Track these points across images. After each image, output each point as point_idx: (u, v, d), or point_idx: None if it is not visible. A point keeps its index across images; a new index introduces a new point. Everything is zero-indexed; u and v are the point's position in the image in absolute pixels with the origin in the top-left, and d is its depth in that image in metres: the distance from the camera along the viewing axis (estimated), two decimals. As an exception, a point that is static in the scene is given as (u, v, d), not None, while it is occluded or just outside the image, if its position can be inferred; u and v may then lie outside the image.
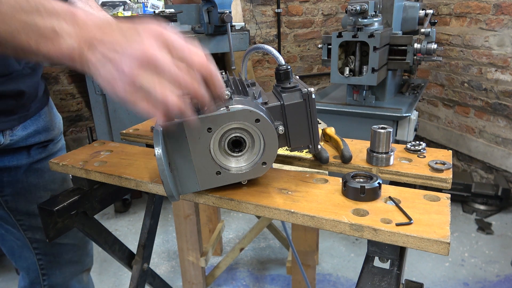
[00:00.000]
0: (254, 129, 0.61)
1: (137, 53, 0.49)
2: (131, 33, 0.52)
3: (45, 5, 0.52)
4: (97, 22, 0.54)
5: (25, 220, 0.98)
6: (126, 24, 0.54)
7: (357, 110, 2.04)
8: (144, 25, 0.53)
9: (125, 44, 0.51)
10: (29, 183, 0.95)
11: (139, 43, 0.50)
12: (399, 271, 0.57)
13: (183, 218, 1.67)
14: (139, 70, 0.49)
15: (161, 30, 0.52)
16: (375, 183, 0.62)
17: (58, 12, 0.53)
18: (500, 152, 2.73)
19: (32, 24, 0.51)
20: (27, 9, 0.51)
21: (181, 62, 0.52)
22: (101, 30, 0.53)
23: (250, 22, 3.36)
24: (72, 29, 0.53)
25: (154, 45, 0.50)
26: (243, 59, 0.78)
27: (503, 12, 2.60)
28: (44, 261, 1.04)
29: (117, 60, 0.50)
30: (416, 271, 2.15)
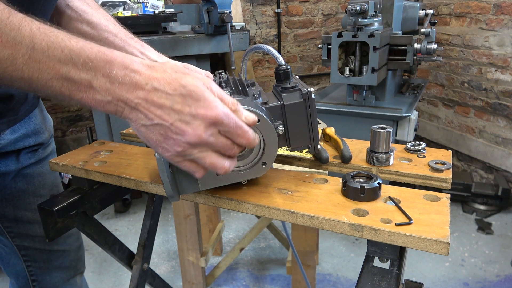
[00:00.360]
0: (254, 129, 0.61)
1: (191, 140, 0.52)
2: (183, 108, 0.51)
3: (80, 55, 0.50)
4: (138, 79, 0.51)
5: (13, 227, 0.94)
6: (172, 85, 0.51)
7: (357, 110, 2.04)
8: (195, 94, 0.52)
9: (178, 125, 0.51)
10: (17, 189, 0.92)
11: (193, 128, 0.52)
12: (399, 271, 0.57)
13: (183, 218, 1.67)
14: (191, 149, 0.54)
15: (213, 114, 0.52)
16: (375, 183, 0.62)
17: (93, 62, 0.50)
18: (500, 152, 2.73)
19: (66, 75, 0.50)
20: (61, 58, 0.49)
21: (228, 139, 0.55)
22: (144, 91, 0.51)
23: (250, 22, 3.37)
24: (108, 84, 0.51)
25: (207, 130, 0.52)
26: (243, 59, 0.78)
27: (503, 12, 2.60)
28: (33, 268, 1.01)
29: (170, 138, 0.53)
30: (416, 271, 2.15)
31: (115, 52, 0.52)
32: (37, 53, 0.48)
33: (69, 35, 0.51)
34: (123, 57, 0.52)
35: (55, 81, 0.50)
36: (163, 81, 0.52)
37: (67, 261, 1.07)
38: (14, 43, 0.47)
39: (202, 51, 2.09)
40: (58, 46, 0.49)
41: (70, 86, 0.51)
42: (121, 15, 2.21)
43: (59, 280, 1.07)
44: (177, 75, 0.53)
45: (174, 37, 2.02)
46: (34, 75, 0.49)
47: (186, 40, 2.03)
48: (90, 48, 0.51)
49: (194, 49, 2.06)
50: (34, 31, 0.48)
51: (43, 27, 0.49)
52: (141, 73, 0.52)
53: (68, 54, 0.49)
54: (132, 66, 0.52)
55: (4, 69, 0.48)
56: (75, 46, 0.50)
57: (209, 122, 0.52)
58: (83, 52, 0.50)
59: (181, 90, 0.51)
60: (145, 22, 2.08)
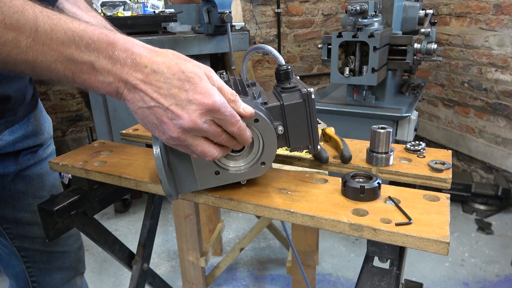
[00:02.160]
0: (253, 129, 0.61)
1: (185, 125, 0.53)
2: (180, 93, 0.52)
3: (82, 36, 0.50)
4: (138, 61, 0.52)
5: (12, 229, 0.94)
6: (171, 69, 0.52)
7: (357, 110, 2.05)
8: (193, 80, 0.52)
9: (174, 109, 0.52)
10: (16, 191, 0.92)
11: (189, 113, 0.52)
12: (399, 271, 0.57)
13: (183, 218, 1.67)
14: (185, 135, 0.54)
15: (210, 100, 0.52)
16: (375, 183, 0.62)
17: (95, 43, 0.51)
18: (500, 152, 2.73)
19: (69, 57, 0.50)
20: (64, 40, 0.49)
21: (219, 127, 0.56)
22: (143, 73, 0.52)
23: (250, 22, 3.37)
24: (110, 65, 0.51)
25: (202, 116, 0.53)
26: (244, 59, 0.78)
27: (503, 12, 2.60)
28: (33, 269, 1.01)
29: (165, 123, 0.53)
30: (416, 271, 2.15)
31: (118, 35, 0.53)
32: (41, 35, 0.48)
33: (71, 18, 0.51)
34: (125, 40, 0.52)
35: (58, 64, 0.50)
36: (163, 65, 0.52)
37: (67, 262, 1.07)
38: (18, 25, 0.47)
39: (202, 51, 2.09)
40: (61, 28, 0.49)
41: (73, 68, 0.51)
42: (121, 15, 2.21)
43: (59, 281, 1.07)
44: (178, 60, 0.53)
45: (174, 37, 2.02)
46: (38, 58, 0.49)
47: (186, 40, 2.03)
48: (93, 30, 0.51)
49: (194, 49, 2.06)
50: (37, 14, 0.48)
51: (46, 10, 0.50)
52: (142, 56, 0.52)
53: (71, 36, 0.49)
54: (133, 48, 0.52)
55: (8, 52, 0.48)
56: (78, 28, 0.50)
57: (205, 109, 0.53)
58: (86, 34, 0.50)
59: (180, 75, 0.52)
60: (145, 22, 2.08)
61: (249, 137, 0.59)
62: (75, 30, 0.50)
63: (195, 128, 0.53)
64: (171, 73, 0.52)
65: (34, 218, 0.95)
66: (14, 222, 0.94)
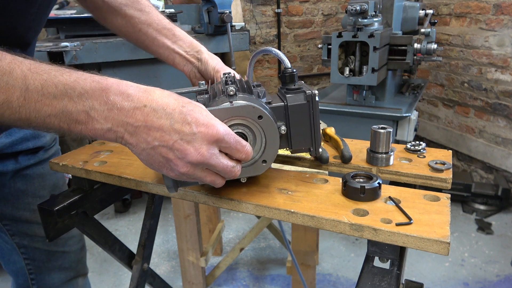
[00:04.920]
0: (257, 126, 0.61)
1: (194, 160, 0.53)
2: (183, 127, 0.51)
3: (74, 87, 0.49)
4: (136, 102, 0.51)
5: (11, 226, 0.95)
6: (171, 105, 0.52)
7: (357, 110, 2.05)
8: (194, 112, 0.52)
9: (179, 144, 0.52)
10: (16, 189, 0.92)
11: (195, 147, 0.52)
12: (399, 271, 0.57)
13: (183, 218, 1.67)
14: (194, 169, 0.54)
15: (214, 131, 0.52)
16: (375, 183, 0.62)
17: (88, 92, 0.50)
18: (500, 152, 2.73)
19: (63, 109, 0.50)
20: (56, 94, 0.49)
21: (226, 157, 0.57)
22: (143, 114, 0.51)
23: (250, 22, 3.36)
24: (106, 111, 0.51)
25: (209, 149, 0.53)
26: (250, 61, 0.78)
27: (503, 12, 2.60)
28: (32, 266, 1.02)
29: (172, 160, 0.53)
30: (416, 271, 2.15)
31: (110, 80, 0.52)
32: (32, 93, 0.48)
33: (61, 70, 0.50)
34: (118, 83, 0.52)
35: (52, 118, 0.50)
36: (161, 101, 0.52)
37: (67, 263, 1.07)
38: (7, 87, 0.47)
39: (202, 51, 2.08)
40: (51, 83, 0.49)
41: (68, 120, 0.50)
42: (121, 15, 2.21)
43: (58, 280, 1.07)
44: (174, 95, 0.53)
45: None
46: (32, 115, 0.49)
47: (186, 40, 2.03)
48: (84, 80, 0.50)
49: (194, 49, 2.06)
50: (26, 72, 0.48)
51: (34, 66, 0.49)
52: (138, 97, 0.51)
53: (62, 89, 0.49)
54: (128, 90, 0.52)
55: (2, 113, 0.48)
56: (69, 80, 0.50)
57: (210, 140, 0.53)
58: (78, 85, 0.50)
59: (180, 108, 0.52)
60: (145, 22, 2.07)
61: None
62: (66, 83, 0.49)
63: (203, 162, 0.53)
64: (171, 109, 0.51)
65: (34, 217, 0.95)
66: (13, 220, 0.95)
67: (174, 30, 0.90)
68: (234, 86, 0.61)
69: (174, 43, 0.89)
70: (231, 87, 0.61)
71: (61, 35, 2.09)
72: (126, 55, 1.99)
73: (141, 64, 2.09)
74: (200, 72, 0.89)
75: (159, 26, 0.89)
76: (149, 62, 2.07)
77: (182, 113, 0.51)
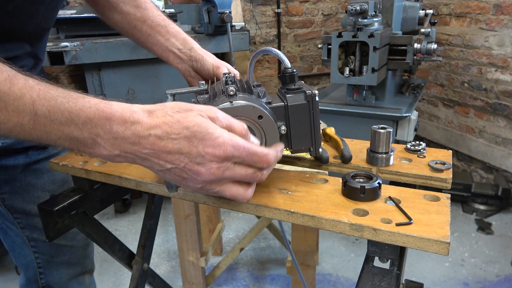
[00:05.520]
0: (257, 126, 0.61)
1: (206, 178, 0.53)
2: (190, 150, 0.52)
3: (79, 115, 0.51)
4: (140, 131, 0.51)
5: (22, 219, 0.97)
6: (174, 129, 0.51)
7: (357, 110, 2.05)
8: (200, 134, 0.51)
9: (190, 166, 0.52)
10: (26, 183, 0.94)
11: (206, 168, 0.52)
12: (399, 271, 0.57)
13: (183, 218, 1.67)
14: (210, 185, 0.55)
15: (221, 152, 0.52)
16: (375, 183, 0.62)
17: (92, 121, 0.51)
18: (500, 152, 2.73)
19: (70, 135, 0.52)
20: (63, 121, 0.51)
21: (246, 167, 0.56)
22: (149, 142, 0.51)
23: (250, 22, 3.36)
24: (112, 140, 0.52)
25: (220, 167, 0.53)
26: (251, 61, 0.78)
27: (503, 12, 2.60)
28: (41, 260, 1.04)
29: (187, 179, 0.54)
30: (416, 271, 2.15)
31: (114, 107, 0.52)
32: (40, 118, 0.50)
33: (68, 96, 0.52)
34: (122, 111, 0.52)
35: (62, 141, 0.52)
36: (165, 126, 0.51)
37: (74, 258, 1.09)
38: (18, 111, 0.50)
39: (202, 51, 2.08)
40: (58, 110, 0.51)
41: (77, 144, 0.53)
42: (121, 15, 2.20)
43: (66, 275, 1.08)
44: (178, 116, 0.52)
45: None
46: (43, 136, 0.52)
47: (186, 40, 2.03)
48: (89, 108, 0.51)
49: (194, 49, 2.06)
50: (35, 98, 0.50)
51: (43, 92, 0.51)
52: (142, 123, 0.52)
53: (68, 117, 0.51)
54: (132, 118, 0.52)
55: (17, 134, 0.51)
56: (74, 108, 0.51)
57: (220, 159, 0.53)
58: (82, 113, 0.51)
59: (185, 132, 0.51)
60: (145, 22, 2.07)
61: (281, 155, 0.59)
62: (71, 111, 0.51)
63: (217, 178, 0.54)
64: (175, 133, 0.51)
65: None
66: (24, 213, 0.96)
67: (168, 27, 0.89)
68: (234, 86, 0.61)
69: (167, 41, 0.88)
70: (231, 87, 0.61)
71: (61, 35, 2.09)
72: (126, 55, 1.99)
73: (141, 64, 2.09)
74: (196, 70, 0.88)
75: (154, 23, 0.89)
76: (149, 62, 2.08)
77: (187, 136, 0.51)
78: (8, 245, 1.04)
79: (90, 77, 2.08)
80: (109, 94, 2.12)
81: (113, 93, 2.13)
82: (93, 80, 2.09)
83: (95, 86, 2.11)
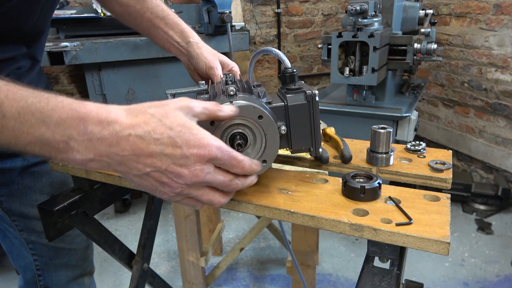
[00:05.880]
0: (257, 126, 0.61)
1: (188, 181, 0.52)
2: (174, 151, 0.50)
3: (51, 116, 0.47)
4: (119, 131, 0.48)
5: (19, 221, 0.96)
6: (158, 128, 0.49)
7: (357, 110, 2.05)
8: (183, 133, 0.50)
9: (173, 168, 0.50)
10: (24, 185, 0.93)
11: (189, 169, 0.51)
12: (399, 271, 0.57)
13: (183, 218, 1.67)
14: (189, 189, 0.54)
15: (206, 152, 0.51)
16: (375, 183, 0.62)
17: (66, 122, 0.47)
18: (500, 152, 2.73)
19: (41, 138, 0.48)
20: (33, 122, 0.47)
21: (224, 173, 0.55)
22: (129, 142, 0.48)
23: (250, 22, 3.36)
24: (86, 142, 0.48)
25: (203, 169, 0.52)
26: (251, 61, 0.78)
27: (503, 12, 2.60)
28: (39, 262, 1.03)
29: (166, 183, 0.52)
30: (416, 271, 2.15)
31: (89, 106, 0.49)
32: (9, 120, 0.47)
33: (39, 96, 0.48)
34: (97, 110, 0.49)
35: (32, 145, 0.48)
36: (147, 126, 0.49)
37: (73, 260, 1.08)
38: None
39: (202, 51, 2.08)
40: (28, 111, 0.47)
41: (48, 149, 0.49)
42: (121, 15, 2.20)
43: (65, 277, 1.08)
44: (159, 113, 0.50)
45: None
46: (11, 141, 0.48)
47: (186, 40, 2.03)
48: (62, 107, 0.48)
49: (194, 49, 2.06)
50: (3, 99, 0.46)
51: (12, 92, 0.47)
52: (120, 123, 0.49)
53: (39, 117, 0.47)
54: (109, 117, 0.48)
55: None
56: (46, 108, 0.47)
57: (203, 160, 0.51)
58: (55, 113, 0.47)
59: (168, 132, 0.49)
60: (145, 22, 2.08)
61: (257, 169, 0.59)
62: (43, 111, 0.47)
63: (198, 181, 0.52)
64: (159, 133, 0.49)
65: None
66: (21, 216, 0.95)
67: (167, 19, 0.89)
68: (234, 86, 0.61)
69: (166, 33, 0.89)
70: (231, 87, 0.61)
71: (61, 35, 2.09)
72: (126, 55, 1.99)
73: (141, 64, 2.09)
74: (193, 66, 0.88)
75: (152, 15, 0.89)
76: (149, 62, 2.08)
77: (170, 137, 0.49)
78: (7, 247, 1.04)
79: (90, 77, 2.08)
80: (109, 94, 2.12)
81: (113, 93, 2.13)
82: (93, 80, 2.09)
83: (95, 86, 2.11)
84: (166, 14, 0.90)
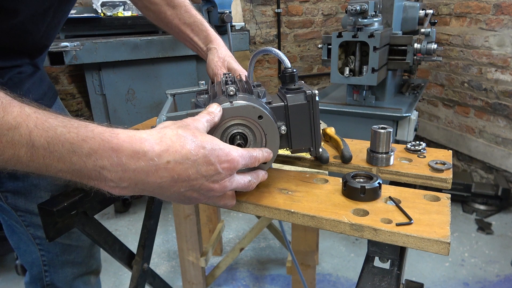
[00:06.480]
0: (257, 126, 0.62)
1: (217, 194, 0.56)
2: (208, 169, 0.52)
3: (82, 147, 0.46)
4: (156, 160, 0.48)
5: (26, 217, 0.97)
6: (193, 150, 0.50)
7: (357, 110, 2.05)
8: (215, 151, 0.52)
9: (206, 185, 0.53)
10: (29, 183, 0.94)
11: (220, 184, 0.54)
12: (399, 271, 0.57)
13: (183, 218, 1.67)
14: (214, 199, 0.59)
15: (235, 164, 0.54)
16: (375, 183, 0.62)
17: (97, 152, 0.47)
18: (500, 152, 2.73)
19: (72, 168, 0.47)
20: (63, 153, 0.46)
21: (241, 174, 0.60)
22: (168, 169, 0.49)
23: (250, 22, 3.36)
24: (121, 172, 0.47)
25: (230, 178, 0.56)
26: (251, 61, 0.78)
27: (503, 12, 2.60)
28: (46, 258, 1.04)
29: (196, 198, 0.55)
30: (416, 271, 2.15)
31: (121, 136, 0.48)
32: (38, 150, 0.46)
33: (69, 125, 0.47)
34: (130, 140, 0.48)
35: (64, 173, 0.48)
36: (183, 149, 0.49)
37: (79, 257, 1.09)
38: (13, 143, 0.45)
39: (202, 51, 2.08)
40: (58, 141, 0.46)
41: (80, 176, 0.49)
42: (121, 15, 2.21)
43: (71, 274, 1.08)
44: (189, 133, 0.51)
45: (174, 37, 2.02)
46: (42, 169, 0.48)
47: (186, 40, 2.03)
48: (92, 138, 0.47)
49: (194, 49, 2.06)
50: (32, 128, 0.46)
51: (41, 121, 0.46)
52: (156, 151, 0.48)
53: (69, 148, 0.46)
54: (143, 148, 0.48)
55: (13, 166, 0.47)
56: (76, 139, 0.47)
57: (233, 172, 0.55)
58: (85, 144, 0.47)
59: (202, 151, 0.51)
60: (145, 22, 2.08)
61: (269, 156, 0.63)
62: (73, 142, 0.46)
63: (225, 191, 0.56)
64: (194, 155, 0.50)
65: None
66: (27, 212, 0.96)
67: (193, 26, 0.96)
68: (234, 86, 0.61)
69: (192, 39, 0.97)
70: (231, 87, 0.61)
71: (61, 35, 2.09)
72: (126, 55, 1.99)
73: (141, 64, 2.09)
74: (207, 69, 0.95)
75: (180, 21, 0.96)
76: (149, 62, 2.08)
77: (205, 156, 0.51)
78: (14, 243, 1.04)
79: (90, 77, 2.08)
80: (109, 94, 2.12)
81: (113, 93, 2.13)
82: (93, 80, 2.09)
83: (95, 86, 2.11)
84: (193, 20, 0.96)
